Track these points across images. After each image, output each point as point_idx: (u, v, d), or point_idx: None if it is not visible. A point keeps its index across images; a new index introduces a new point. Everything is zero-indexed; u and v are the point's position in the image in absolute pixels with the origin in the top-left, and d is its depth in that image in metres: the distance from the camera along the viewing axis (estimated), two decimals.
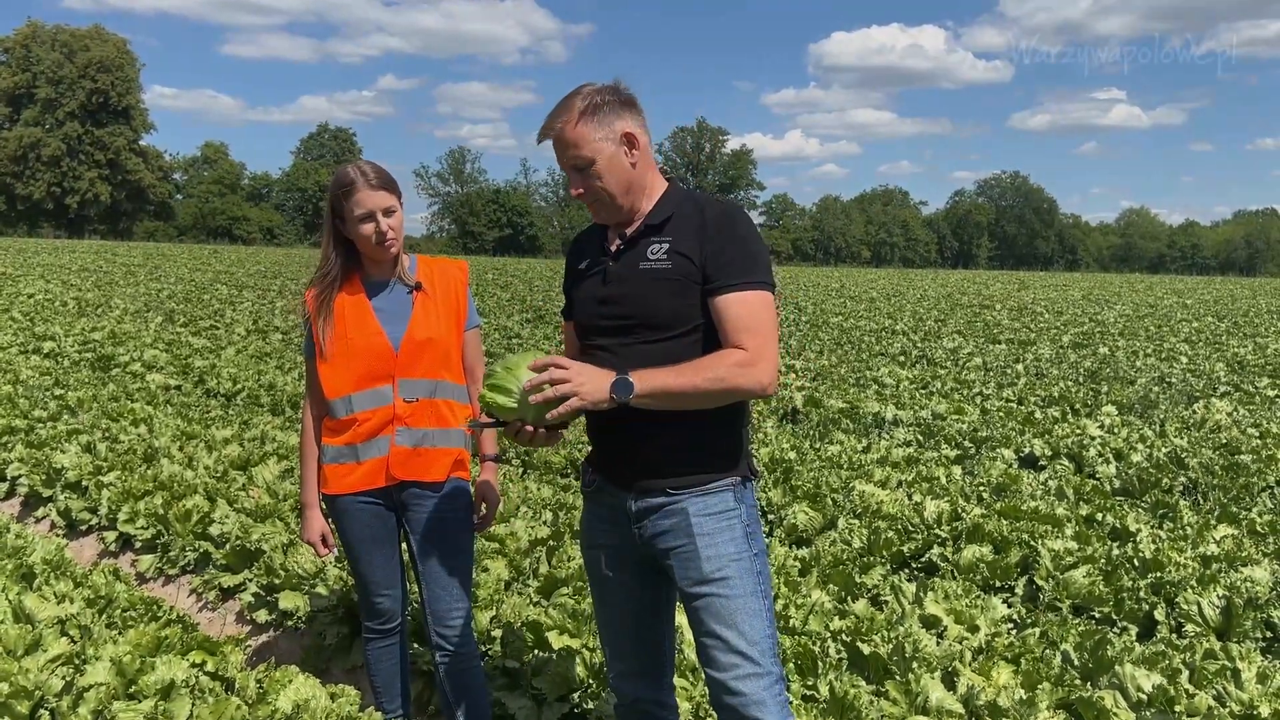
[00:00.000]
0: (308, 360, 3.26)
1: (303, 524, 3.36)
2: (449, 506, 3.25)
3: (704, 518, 2.54)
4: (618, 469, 2.65)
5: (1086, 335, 18.69)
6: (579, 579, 4.41)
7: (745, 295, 2.44)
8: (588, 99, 2.51)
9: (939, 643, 4.02)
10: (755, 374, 2.40)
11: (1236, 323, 22.85)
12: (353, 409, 3.15)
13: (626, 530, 2.66)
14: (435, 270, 3.30)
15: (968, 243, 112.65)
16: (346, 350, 3.14)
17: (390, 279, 3.21)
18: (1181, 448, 7.77)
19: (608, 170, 2.51)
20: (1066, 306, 28.32)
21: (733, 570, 2.52)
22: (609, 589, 2.83)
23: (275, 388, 9.53)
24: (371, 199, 3.04)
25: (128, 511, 5.60)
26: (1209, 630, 4.57)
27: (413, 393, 3.17)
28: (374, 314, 3.17)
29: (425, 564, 3.26)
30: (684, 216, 2.54)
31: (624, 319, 2.54)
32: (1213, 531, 5.66)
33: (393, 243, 3.10)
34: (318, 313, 3.17)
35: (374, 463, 3.17)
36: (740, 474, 2.59)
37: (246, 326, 15.60)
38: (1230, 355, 15.23)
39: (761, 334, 2.43)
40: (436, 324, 3.20)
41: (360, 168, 3.10)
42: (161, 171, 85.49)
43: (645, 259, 2.53)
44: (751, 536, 2.58)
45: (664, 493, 2.56)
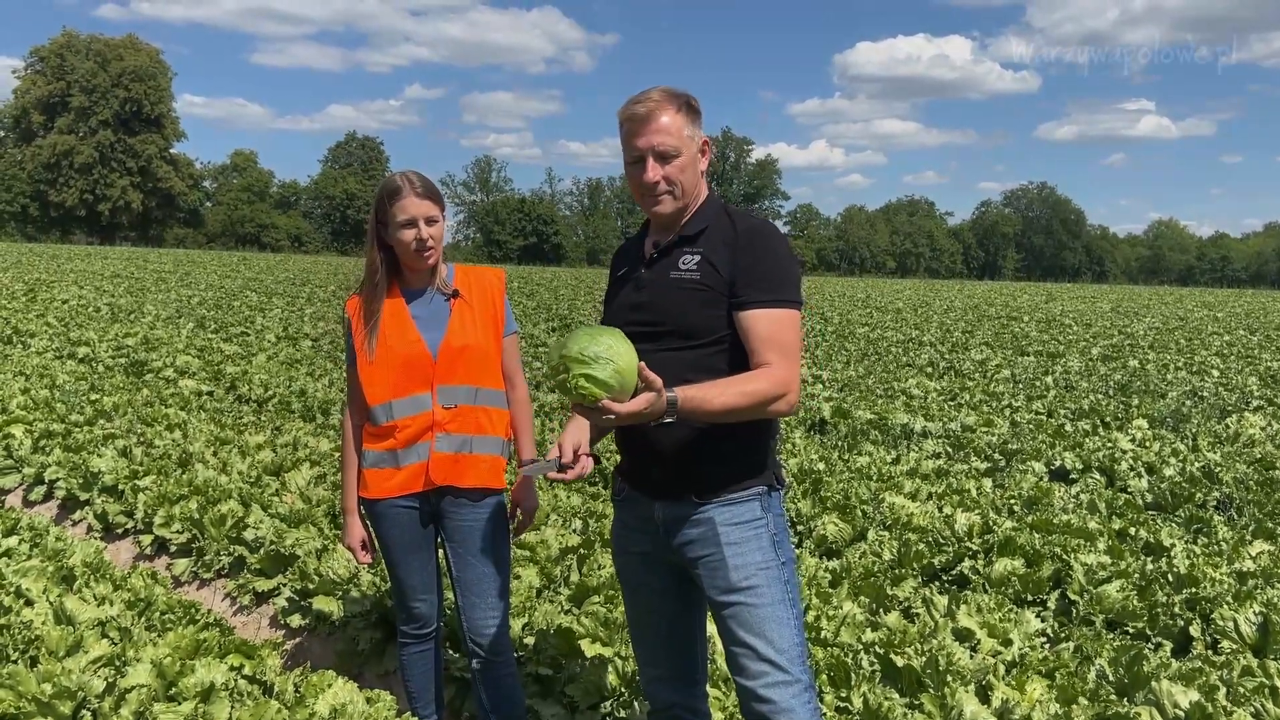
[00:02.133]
0: (349, 367, 3.30)
1: (343, 529, 3.40)
2: (486, 514, 3.28)
3: (731, 527, 2.56)
4: (645, 478, 2.69)
5: (1116, 348, 18.53)
6: (610, 587, 4.42)
7: (774, 313, 2.48)
8: (686, 97, 2.59)
9: (972, 656, 4.01)
10: (781, 392, 2.44)
11: (1269, 335, 22.59)
12: (393, 415, 3.19)
13: (656, 537, 2.69)
14: (473, 278, 3.34)
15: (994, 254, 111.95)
16: (386, 357, 3.18)
17: (429, 287, 3.26)
18: (1215, 462, 7.69)
19: (688, 166, 2.58)
20: (1095, 319, 28.09)
21: (760, 579, 2.54)
22: (641, 595, 2.86)
23: (306, 394, 9.61)
24: (416, 206, 3.09)
25: (163, 515, 5.66)
26: (1245, 647, 4.52)
27: (451, 399, 3.20)
28: (413, 321, 3.21)
29: (461, 572, 3.29)
30: (718, 230, 2.59)
31: (653, 325, 2.58)
32: (1248, 547, 5.60)
33: (431, 252, 3.15)
34: (362, 320, 3.21)
35: (414, 468, 3.21)
36: (766, 483, 2.62)
37: (277, 333, 15.74)
38: (1263, 369, 15.05)
39: (789, 352, 2.47)
40: (474, 331, 3.24)
41: (408, 176, 3.16)
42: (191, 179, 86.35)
43: (677, 268, 2.58)
44: (779, 545, 2.60)
45: (690, 502, 2.59)
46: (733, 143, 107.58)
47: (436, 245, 3.15)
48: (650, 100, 2.54)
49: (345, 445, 3.35)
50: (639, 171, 2.58)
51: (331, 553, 4.87)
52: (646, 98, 2.55)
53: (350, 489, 3.35)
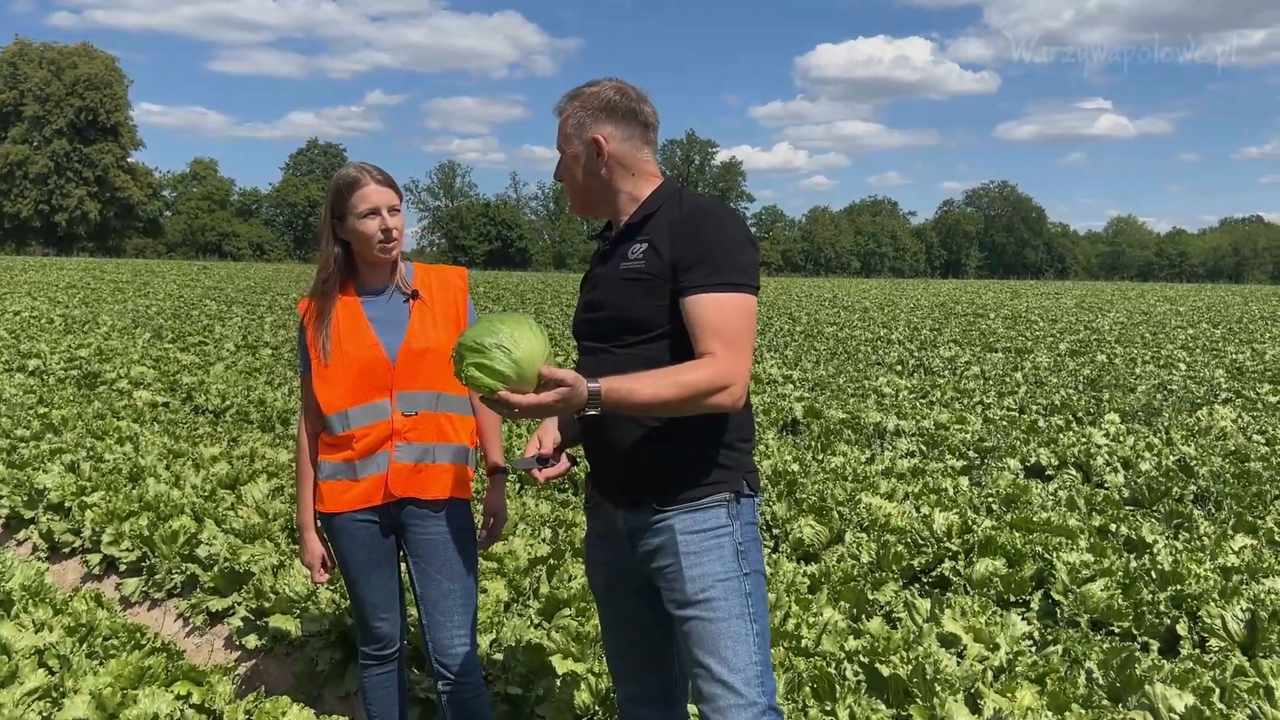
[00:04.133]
0: (302, 374, 3.10)
1: (300, 546, 3.20)
2: (451, 527, 3.10)
3: (691, 535, 2.39)
4: (609, 485, 2.54)
5: (1083, 343, 18.58)
6: (582, 599, 4.24)
7: (718, 298, 2.29)
8: (586, 92, 2.49)
9: (959, 663, 3.86)
10: (722, 384, 2.24)
11: (1231, 329, 22.80)
12: (349, 424, 3.00)
13: (622, 547, 2.53)
14: (434, 277, 3.15)
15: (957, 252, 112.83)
16: (341, 362, 2.99)
17: (387, 286, 3.07)
18: (1190, 456, 7.64)
19: (573, 166, 2.51)
20: (1060, 314, 28.25)
21: (718, 591, 2.36)
22: (614, 609, 2.71)
23: (265, 404, 9.34)
24: (378, 194, 2.93)
25: (112, 533, 5.41)
26: (1234, 645, 4.42)
27: (412, 405, 3.01)
28: (369, 324, 3.02)
29: (425, 589, 3.11)
30: (665, 214, 2.43)
31: (604, 323, 2.45)
32: (1230, 542, 5.51)
33: (395, 244, 2.97)
34: (314, 323, 3.01)
35: (372, 480, 3.02)
36: (734, 488, 2.43)
37: (236, 342, 15.40)
38: (1229, 361, 15.13)
39: (733, 341, 2.27)
40: (435, 333, 3.05)
41: (364, 166, 3.00)
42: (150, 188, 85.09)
43: (625, 260, 2.43)
44: (744, 556, 2.41)
45: (653, 509, 2.42)
46: (697, 145, 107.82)
47: (400, 236, 2.97)
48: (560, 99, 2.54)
49: (300, 456, 3.16)
50: None
51: (288, 569, 4.65)
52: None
53: (306, 503, 3.15)
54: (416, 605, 3.16)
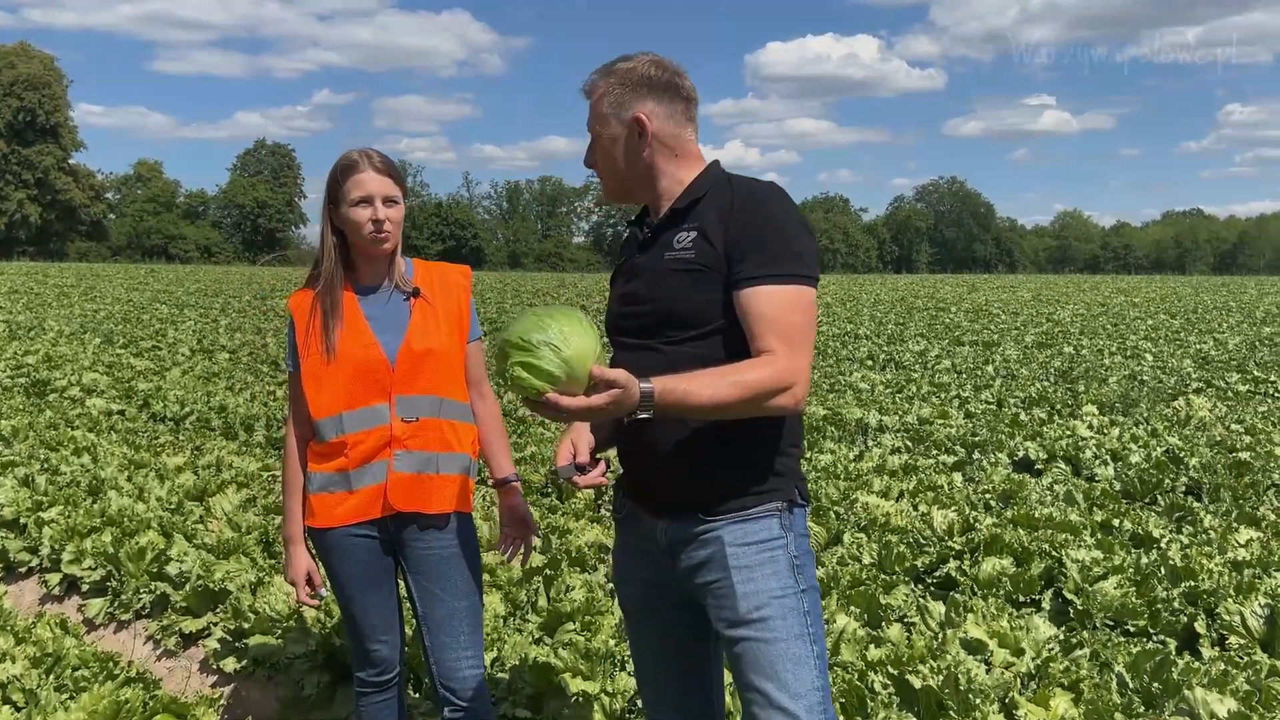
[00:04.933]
0: (292, 374, 2.84)
1: (285, 562, 2.94)
2: (455, 541, 2.87)
3: (742, 548, 2.18)
4: (648, 492, 2.31)
5: (1048, 335, 18.67)
6: (586, 612, 4.01)
7: (776, 290, 2.09)
8: (623, 68, 2.27)
9: (988, 670, 3.69)
10: (784, 384, 2.05)
11: (1189, 319, 23.09)
12: (344, 430, 2.75)
13: (662, 561, 2.30)
14: (435, 275, 2.92)
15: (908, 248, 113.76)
16: (335, 363, 2.74)
17: (385, 283, 2.82)
18: (1178, 447, 7.57)
19: (610, 149, 2.29)
20: (1020, 307, 28.44)
21: (774, 609, 2.15)
22: (647, 629, 2.49)
23: (227, 410, 8.98)
24: (373, 182, 2.70)
25: (72, 551, 5.08)
26: (1254, 642, 4.30)
27: (413, 411, 2.77)
28: (366, 321, 2.78)
29: (428, 608, 2.87)
30: (714, 199, 2.22)
31: (645, 317, 2.23)
32: (1235, 535, 5.41)
33: (388, 236, 2.74)
34: (310, 317, 2.76)
35: (369, 491, 2.77)
36: (787, 497, 2.23)
37: (191, 346, 14.93)
38: (1194, 351, 15.25)
39: (793, 338, 2.07)
40: (437, 334, 2.82)
41: (366, 151, 2.79)
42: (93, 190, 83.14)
43: (670, 249, 2.21)
44: (799, 570, 2.21)
45: (698, 519, 2.21)
46: None
47: (394, 230, 2.74)
48: (588, 77, 2.33)
49: (287, 464, 2.89)
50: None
51: (268, 586, 4.37)
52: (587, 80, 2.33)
53: (294, 514, 2.89)
54: (418, 626, 2.92)
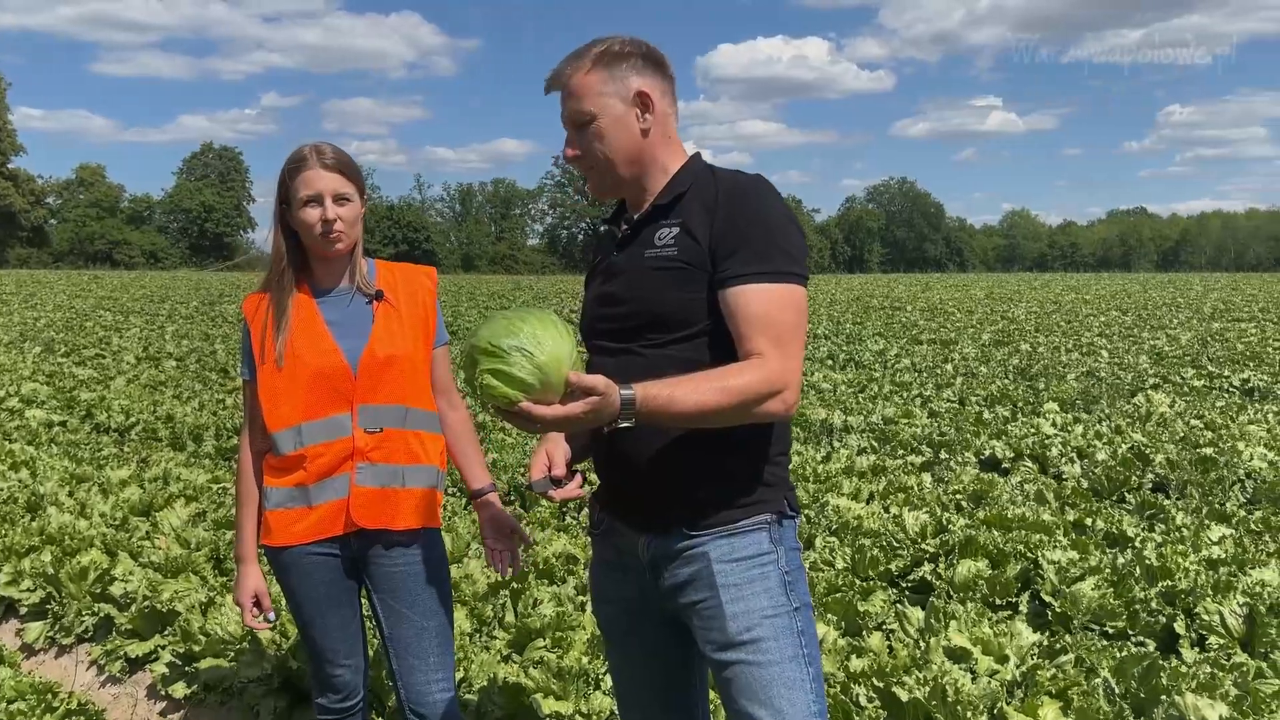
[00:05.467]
0: (247, 382, 2.65)
1: (235, 584, 2.74)
2: (422, 556, 2.70)
3: (730, 564, 2.03)
4: (627, 506, 2.16)
5: (1004, 333, 18.77)
6: (556, 628, 3.84)
7: (764, 289, 1.95)
8: (606, 46, 2.07)
9: (974, 679, 3.58)
10: (774, 389, 1.90)
11: (1140, 316, 23.39)
12: (303, 442, 2.57)
13: (644, 579, 2.15)
14: (399, 277, 2.74)
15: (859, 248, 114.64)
16: (294, 370, 2.55)
17: (346, 285, 2.64)
18: (1143, 444, 7.56)
19: (611, 131, 2.07)
20: (974, 306, 28.65)
21: (766, 630, 2.01)
22: (628, 651, 2.34)
23: (175, 419, 8.68)
24: (321, 179, 2.52)
25: (9, 572, 4.82)
26: (1233, 642, 4.24)
27: (376, 421, 2.60)
28: (326, 326, 2.60)
29: (395, 629, 2.69)
30: (698, 193, 2.06)
31: (625, 319, 2.07)
32: (1208, 532, 5.37)
33: (340, 236, 2.56)
34: (262, 324, 2.58)
35: (330, 506, 2.59)
36: (775, 509, 2.09)
37: (136, 354, 14.51)
38: (1148, 347, 15.40)
39: (783, 339, 1.93)
40: (402, 339, 2.64)
41: (316, 146, 2.59)
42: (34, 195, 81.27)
43: (651, 246, 2.06)
44: (791, 587, 2.06)
45: (682, 535, 2.06)
46: None
47: (347, 229, 2.56)
48: (557, 75, 2.09)
49: (241, 478, 2.70)
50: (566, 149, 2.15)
51: (219, 606, 4.15)
52: (556, 70, 2.10)
53: (247, 532, 2.70)
54: (383, 648, 2.75)
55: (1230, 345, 15.41)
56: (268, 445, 2.64)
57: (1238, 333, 17.93)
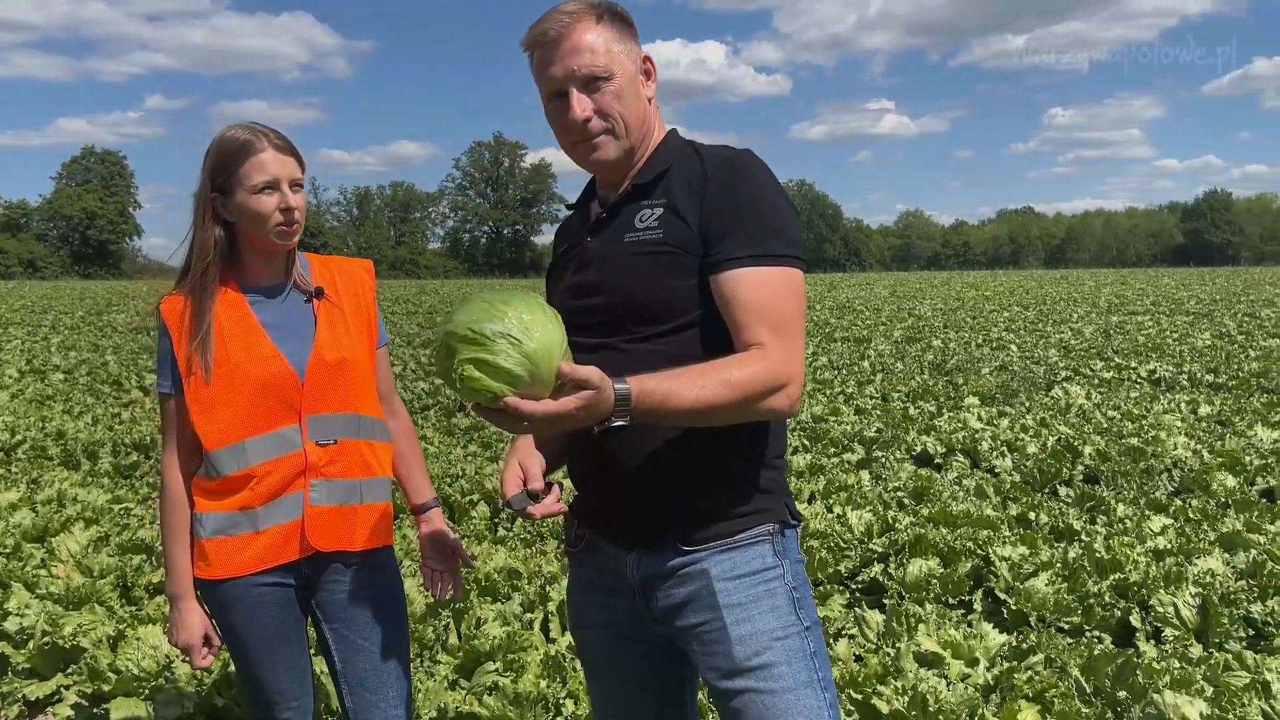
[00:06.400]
0: (167, 398, 2.33)
1: (173, 623, 2.41)
2: (377, 579, 2.42)
3: (732, 582, 1.83)
4: (612, 520, 1.94)
5: (914, 329, 19.03)
6: (508, 649, 3.59)
7: (762, 273, 1.76)
8: (601, 4, 1.87)
9: (947, 685, 3.44)
10: (778, 382, 1.72)
11: (1041, 311, 24.01)
12: (248, 461, 2.26)
13: (632, 601, 1.93)
14: (336, 271, 2.46)
15: None
16: (229, 381, 2.25)
17: (282, 283, 2.35)
18: (1070, 436, 7.62)
19: (628, 91, 1.87)
20: (880, 304, 29.08)
21: (777, 653, 1.81)
22: (613, 680, 2.11)
23: (66, 436, 8.11)
24: (277, 163, 2.24)
25: None
26: (1188, 633, 4.22)
27: (328, 433, 2.31)
28: (263, 330, 2.30)
29: (349, 661, 2.41)
30: (682, 171, 1.87)
31: (604, 311, 1.85)
32: (1149, 523, 5.38)
33: (297, 227, 2.27)
34: (191, 326, 2.27)
35: (281, 530, 2.29)
36: (778, 518, 1.89)
37: (19, 367, 13.65)
38: (1055, 340, 15.75)
39: (784, 328, 1.75)
40: (348, 341, 2.36)
41: (256, 128, 2.29)
42: None
43: (631, 229, 1.86)
44: (800, 604, 1.87)
45: (676, 551, 1.85)
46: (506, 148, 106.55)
47: (303, 218, 2.28)
48: (562, 15, 1.84)
49: (171, 504, 2.36)
50: (562, 110, 1.87)
51: (130, 640, 3.79)
52: (557, 12, 1.85)
53: (181, 567, 2.36)
54: (336, 683, 2.46)
55: (1131, 338, 15.88)
56: (201, 467, 2.33)
57: (1136, 325, 18.50)
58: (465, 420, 9.05)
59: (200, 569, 2.33)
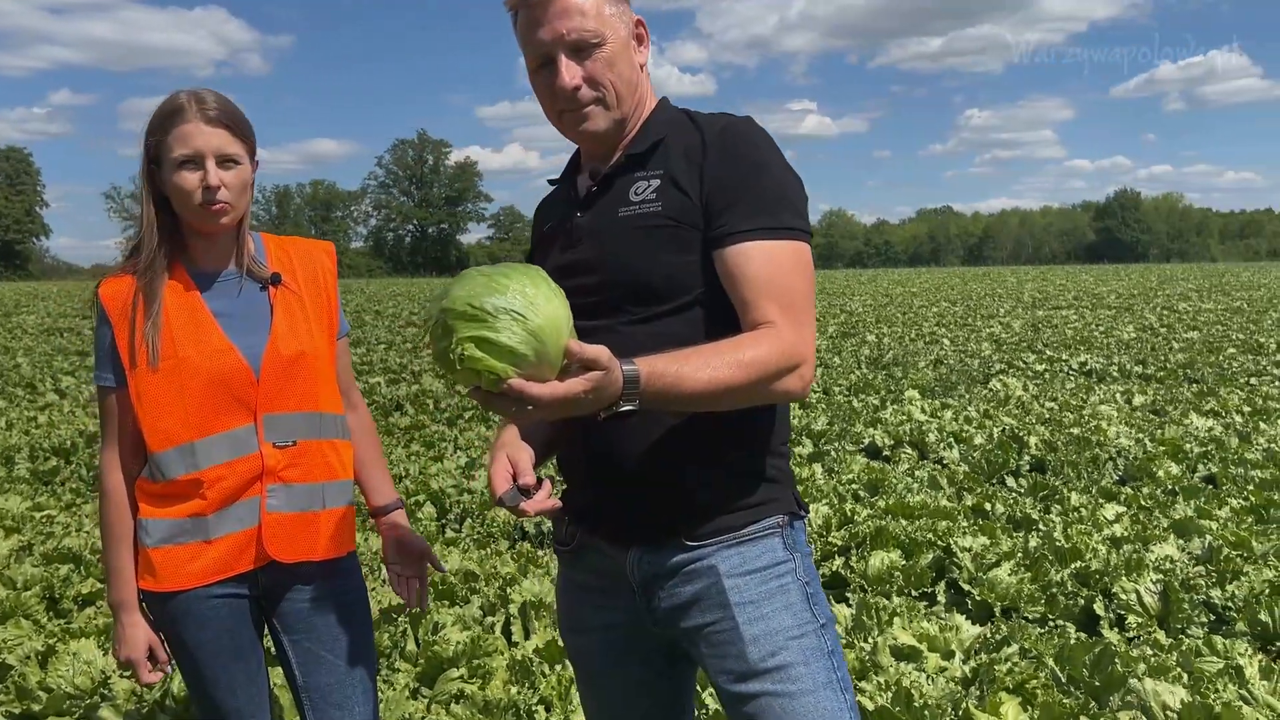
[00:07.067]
0: (107, 392, 2.11)
1: (115, 636, 2.20)
2: (340, 587, 2.24)
3: (743, 579, 1.71)
4: (608, 515, 1.80)
5: (848, 325, 19.18)
6: (472, 655, 3.42)
7: (771, 247, 1.64)
8: None
9: (927, 679, 3.37)
10: (791, 362, 1.60)
11: (969, 306, 24.42)
12: (198, 464, 2.06)
13: (631, 603, 1.80)
14: (294, 253, 2.25)
15: None
16: (177, 376, 2.05)
17: (232, 269, 2.14)
18: (1014, 427, 7.68)
19: (620, 58, 1.74)
20: None
21: (794, 653, 1.68)
22: (609, 688, 1.97)
23: None
24: (201, 135, 2.00)
25: None
26: (1151, 620, 4.24)
27: (287, 433, 2.11)
28: (214, 320, 2.09)
29: (312, 675, 2.22)
30: (679, 139, 1.74)
31: (598, 291, 1.71)
32: (1103, 511, 5.41)
33: (223, 208, 2.04)
34: (129, 318, 2.06)
35: (235, 539, 2.09)
36: (786, 509, 1.77)
37: None
38: (986, 334, 15.98)
39: (795, 305, 1.63)
40: (307, 332, 2.16)
41: (195, 93, 2.06)
42: None
43: (626, 203, 1.72)
44: (814, 600, 1.75)
45: (680, 545, 1.72)
46: (430, 145, 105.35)
47: (234, 200, 2.05)
48: None
49: (112, 508, 2.14)
50: (549, 77, 1.73)
51: (61, 656, 3.53)
52: None
53: (125, 575, 2.15)
54: (297, 700, 2.27)
55: (1060, 331, 16.18)
56: (140, 467, 2.12)
57: (1062, 320, 18.89)
58: (404, 419, 8.81)
59: (146, 581, 2.11)
